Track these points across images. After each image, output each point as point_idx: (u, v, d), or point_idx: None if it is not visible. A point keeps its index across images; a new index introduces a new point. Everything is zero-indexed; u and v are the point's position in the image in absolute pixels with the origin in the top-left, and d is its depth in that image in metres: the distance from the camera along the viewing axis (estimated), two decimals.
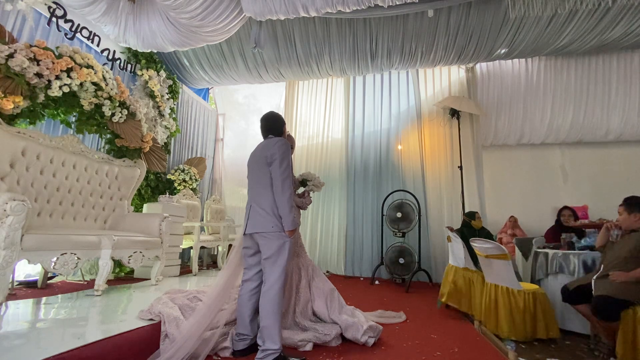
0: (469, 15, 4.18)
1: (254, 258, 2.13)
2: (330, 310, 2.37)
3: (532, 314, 2.67)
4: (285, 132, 2.32)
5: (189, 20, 3.65)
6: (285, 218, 1.97)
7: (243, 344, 2.06)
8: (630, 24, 4.05)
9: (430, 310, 3.37)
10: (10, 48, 2.52)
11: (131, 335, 1.82)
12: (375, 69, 5.42)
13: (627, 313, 2.15)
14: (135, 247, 3.08)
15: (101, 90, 3.19)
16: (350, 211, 5.60)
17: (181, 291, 2.55)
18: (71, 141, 3.15)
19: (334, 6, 3.34)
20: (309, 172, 2.68)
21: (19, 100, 2.56)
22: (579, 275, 2.84)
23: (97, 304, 2.45)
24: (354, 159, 5.76)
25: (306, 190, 2.64)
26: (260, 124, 2.29)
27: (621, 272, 2.29)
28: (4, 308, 2.20)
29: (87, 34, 4.00)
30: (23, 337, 1.66)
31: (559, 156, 5.42)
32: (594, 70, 5.00)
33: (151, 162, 4.01)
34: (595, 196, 5.03)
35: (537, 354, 2.39)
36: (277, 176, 1.99)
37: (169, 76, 5.23)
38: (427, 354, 2.14)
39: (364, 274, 5.31)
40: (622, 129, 4.99)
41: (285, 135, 2.30)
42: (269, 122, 2.27)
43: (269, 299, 1.94)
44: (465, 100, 5.11)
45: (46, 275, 3.13)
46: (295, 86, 6.23)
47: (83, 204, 3.27)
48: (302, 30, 4.63)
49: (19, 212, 2.09)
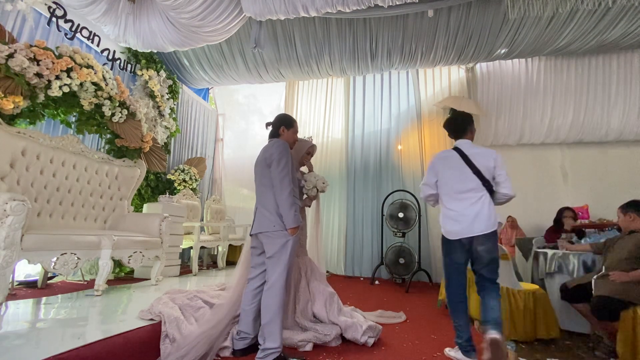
0: (469, 15, 4.18)
1: (260, 257, 2.16)
2: (329, 313, 2.38)
3: (532, 314, 2.67)
4: (282, 132, 2.26)
5: (189, 20, 3.65)
6: (286, 216, 1.99)
7: (243, 343, 2.06)
8: (630, 24, 4.05)
9: (430, 310, 3.37)
10: (10, 48, 2.51)
11: (131, 335, 1.83)
12: (375, 69, 5.41)
13: (627, 313, 2.16)
14: (135, 247, 3.08)
15: (101, 90, 3.19)
16: (350, 211, 5.60)
17: (181, 291, 2.55)
18: (71, 141, 3.15)
19: (334, 6, 3.34)
20: (312, 173, 2.63)
21: (19, 100, 2.56)
22: (578, 275, 2.85)
23: (97, 304, 2.45)
24: (354, 159, 5.76)
25: (309, 195, 2.61)
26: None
27: (621, 272, 2.29)
28: (4, 308, 2.20)
29: (87, 34, 4.00)
30: (23, 337, 1.66)
31: (559, 156, 5.41)
32: (594, 70, 5.00)
33: (151, 162, 4.01)
34: (595, 196, 5.02)
35: (537, 354, 2.40)
36: (275, 176, 2.03)
37: (169, 76, 5.23)
38: (427, 354, 2.14)
39: (364, 274, 5.31)
40: (622, 129, 4.99)
41: (285, 136, 2.27)
42: (272, 124, 2.32)
43: (270, 296, 1.95)
44: (465, 100, 5.11)
45: (46, 275, 3.13)
46: (295, 86, 6.23)
47: (83, 204, 3.27)
48: (302, 30, 4.63)
49: (19, 212, 2.09)
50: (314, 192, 2.51)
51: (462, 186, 2.12)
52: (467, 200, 2.09)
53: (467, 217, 2.06)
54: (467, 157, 2.14)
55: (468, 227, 2.05)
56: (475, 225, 2.03)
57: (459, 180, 2.14)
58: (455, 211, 2.11)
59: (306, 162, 2.66)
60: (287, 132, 2.28)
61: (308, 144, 2.62)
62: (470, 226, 2.04)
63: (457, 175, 2.14)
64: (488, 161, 2.11)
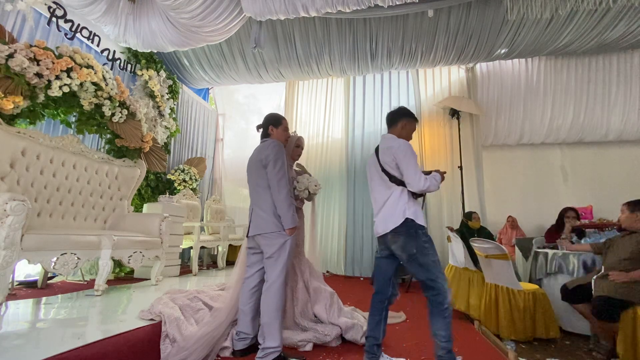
0: (469, 15, 4.18)
1: (256, 256, 2.16)
2: (329, 315, 2.37)
3: (532, 314, 2.67)
4: (271, 131, 2.26)
5: (189, 20, 3.65)
6: (284, 217, 1.99)
7: (243, 343, 2.06)
8: (630, 24, 4.05)
9: None
10: (10, 48, 2.51)
11: (131, 335, 1.82)
12: (375, 69, 5.41)
13: (627, 313, 2.16)
14: (135, 247, 3.08)
15: (101, 90, 3.19)
16: (350, 211, 5.60)
17: (182, 291, 2.55)
18: (71, 141, 3.15)
19: (334, 6, 3.35)
20: (305, 175, 2.56)
21: (19, 100, 2.56)
22: (578, 275, 2.85)
23: (97, 304, 2.45)
24: (354, 158, 5.76)
25: (300, 198, 2.56)
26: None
27: (621, 273, 2.29)
28: (4, 308, 2.20)
29: (87, 34, 4.00)
30: (23, 337, 1.66)
31: (559, 156, 5.42)
32: (594, 70, 5.00)
33: (151, 162, 4.01)
34: (595, 196, 5.03)
35: (537, 354, 2.40)
36: (272, 177, 2.02)
37: (169, 76, 5.23)
38: (427, 354, 2.14)
39: (364, 274, 5.30)
40: (622, 129, 4.99)
41: (275, 135, 2.26)
42: (262, 126, 2.32)
43: (270, 295, 1.96)
44: (465, 100, 5.11)
45: (46, 275, 3.13)
46: (295, 86, 6.23)
47: (83, 204, 3.26)
48: (302, 30, 4.63)
49: (19, 212, 2.09)
50: (305, 194, 2.45)
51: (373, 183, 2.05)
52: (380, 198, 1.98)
53: (379, 215, 1.96)
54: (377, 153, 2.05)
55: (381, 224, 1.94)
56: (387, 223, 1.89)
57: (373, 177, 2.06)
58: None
59: (297, 157, 2.64)
60: (276, 131, 2.27)
61: (295, 137, 2.60)
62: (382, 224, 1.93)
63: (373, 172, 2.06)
64: (387, 156, 1.96)
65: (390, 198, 1.91)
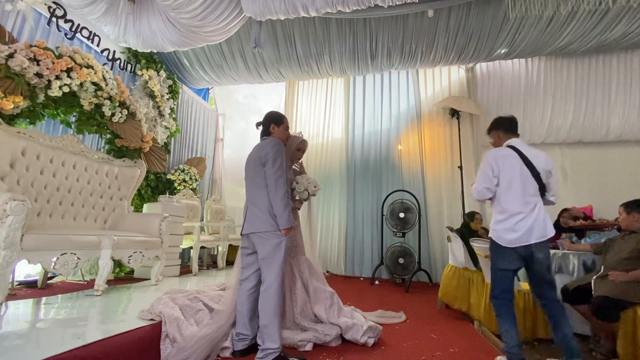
0: (469, 15, 4.18)
1: (251, 257, 2.15)
2: (329, 315, 2.37)
3: (532, 314, 2.67)
4: (273, 129, 2.26)
5: (189, 20, 3.65)
6: (280, 217, 1.98)
7: (242, 344, 2.06)
8: (630, 24, 4.05)
9: (430, 310, 3.37)
10: (10, 48, 2.51)
11: (131, 335, 1.82)
12: (375, 69, 5.41)
13: (627, 313, 2.16)
14: (135, 247, 3.08)
15: (101, 90, 3.19)
16: (350, 211, 5.60)
17: (182, 291, 2.55)
18: (71, 141, 3.15)
19: (334, 6, 3.34)
20: (304, 175, 2.56)
21: (19, 100, 2.56)
22: (578, 275, 2.84)
23: (97, 304, 2.45)
24: (354, 159, 5.76)
25: (300, 198, 2.52)
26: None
27: (621, 272, 2.29)
28: (4, 308, 2.19)
29: (87, 34, 4.00)
30: (23, 337, 1.66)
31: (559, 156, 5.41)
32: (594, 70, 5.00)
33: (151, 162, 4.01)
34: (595, 196, 5.02)
35: (537, 354, 2.40)
36: (270, 176, 2.01)
37: (169, 76, 5.23)
38: (427, 354, 2.14)
39: (364, 274, 5.30)
40: (622, 129, 4.99)
41: (276, 134, 2.26)
42: (262, 123, 2.31)
43: (268, 298, 1.95)
44: (465, 100, 5.11)
45: (46, 275, 3.13)
46: (295, 86, 6.23)
47: (83, 204, 3.26)
48: (302, 30, 4.63)
49: (18, 212, 2.09)
50: (305, 195, 2.44)
51: (524, 190, 2.03)
52: (528, 205, 2.01)
53: (525, 224, 1.99)
54: (527, 158, 2.07)
55: (525, 234, 1.99)
56: (534, 232, 1.98)
57: (520, 183, 2.04)
58: (515, 218, 2.01)
59: (296, 160, 2.63)
60: (277, 129, 2.26)
61: (298, 140, 2.58)
62: (528, 234, 1.99)
63: (518, 177, 2.04)
64: (547, 164, 2.07)
65: (537, 207, 2.03)
